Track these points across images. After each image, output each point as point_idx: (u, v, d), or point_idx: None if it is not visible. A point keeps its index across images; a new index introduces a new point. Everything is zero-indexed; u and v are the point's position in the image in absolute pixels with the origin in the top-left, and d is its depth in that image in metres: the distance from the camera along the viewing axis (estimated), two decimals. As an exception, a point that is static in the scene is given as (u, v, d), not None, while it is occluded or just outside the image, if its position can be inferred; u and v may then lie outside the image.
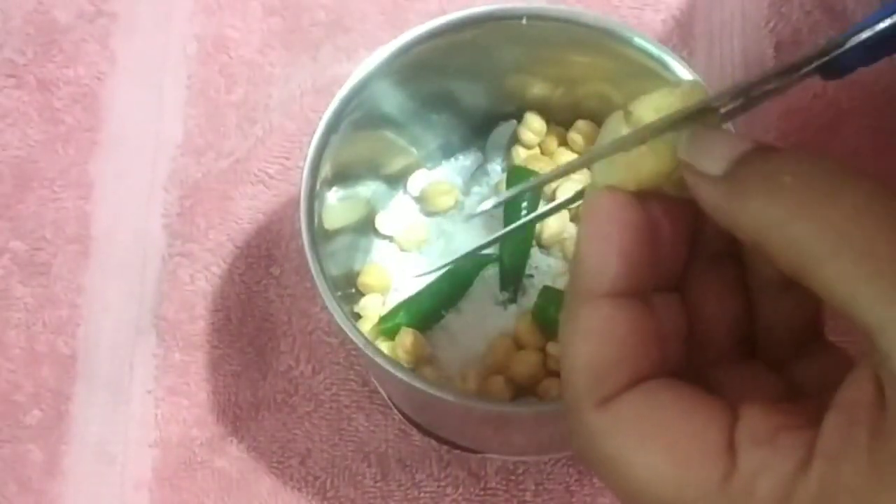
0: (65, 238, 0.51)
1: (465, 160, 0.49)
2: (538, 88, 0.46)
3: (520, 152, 0.47)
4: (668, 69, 0.41)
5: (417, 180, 0.48)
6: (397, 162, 0.47)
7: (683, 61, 0.41)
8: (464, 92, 0.46)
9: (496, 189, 0.47)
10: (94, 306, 0.50)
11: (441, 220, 0.47)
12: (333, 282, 0.39)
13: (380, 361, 0.37)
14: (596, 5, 0.53)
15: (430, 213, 0.48)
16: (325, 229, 0.41)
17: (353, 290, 0.46)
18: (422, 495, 0.46)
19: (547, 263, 0.46)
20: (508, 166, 0.47)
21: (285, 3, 0.54)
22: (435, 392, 0.37)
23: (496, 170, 0.48)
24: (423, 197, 0.47)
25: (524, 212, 0.45)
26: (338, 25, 0.53)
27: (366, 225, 0.47)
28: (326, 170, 0.41)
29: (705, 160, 0.24)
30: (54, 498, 0.47)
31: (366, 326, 0.44)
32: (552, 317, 0.43)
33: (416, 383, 0.37)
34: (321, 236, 0.40)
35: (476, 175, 0.48)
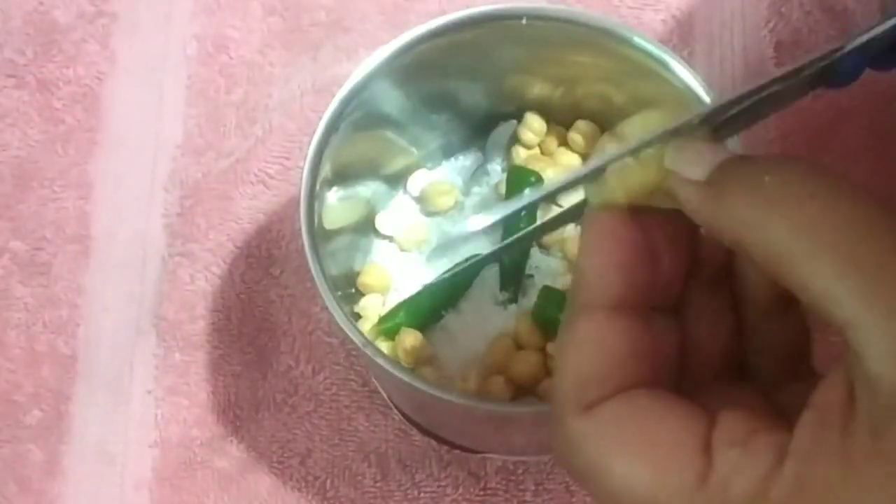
0: (65, 238, 0.51)
1: (465, 160, 0.49)
2: (538, 88, 0.46)
3: (520, 152, 0.47)
4: (668, 69, 0.41)
5: (417, 180, 0.48)
6: (397, 162, 0.47)
7: (683, 61, 0.41)
8: (464, 92, 0.46)
9: (496, 189, 0.47)
10: (94, 306, 0.50)
11: (441, 220, 0.47)
12: (333, 282, 0.39)
13: (380, 361, 0.37)
14: (596, 5, 0.53)
15: (430, 213, 0.48)
16: (325, 229, 0.41)
17: (353, 290, 0.46)
18: (422, 495, 0.46)
19: (547, 263, 0.46)
20: (508, 166, 0.47)
21: (285, 3, 0.54)
22: (435, 392, 0.37)
23: (496, 170, 0.48)
24: (423, 197, 0.47)
25: (524, 221, 0.45)
26: (338, 25, 0.53)
27: (366, 225, 0.47)
28: (326, 170, 0.41)
29: (689, 167, 0.25)
30: (54, 498, 0.47)
31: (366, 326, 0.44)
32: (552, 317, 0.43)
33: (416, 383, 0.37)
34: (321, 236, 0.40)
35: (476, 175, 0.48)
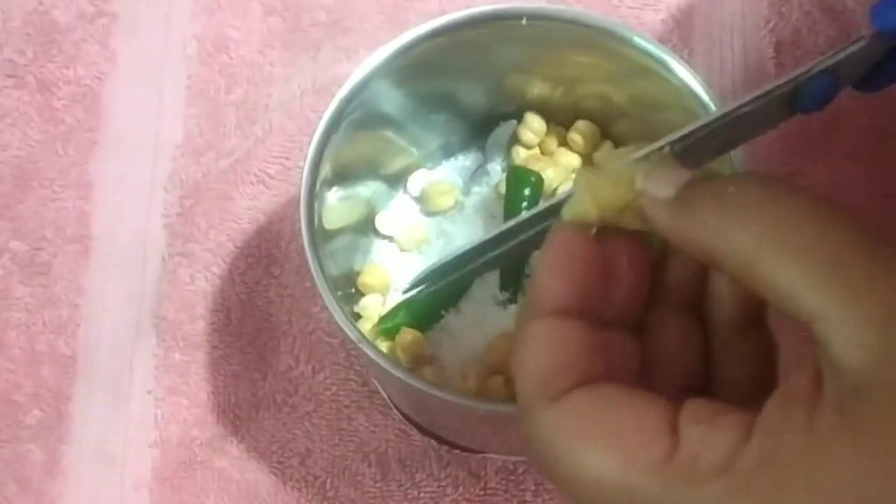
0: (65, 238, 0.51)
1: (465, 160, 0.49)
2: (538, 88, 0.46)
3: (520, 152, 0.47)
4: (668, 69, 0.41)
5: (417, 180, 0.48)
6: (397, 162, 0.47)
7: (683, 61, 0.41)
8: (464, 92, 0.46)
9: (496, 189, 0.47)
10: (94, 306, 0.50)
11: (441, 220, 0.47)
12: (333, 282, 0.39)
13: (380, 361, 0.37)
14: (596, 5, 0.53)
15: (430, 213, 0.48)
16: (325, 229, 0.41)
17: (353, 290, 0.46)
18: (422, 495, 0.46)
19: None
20: (508, 166, 0.47)
21: (285, 3, 0.54)
22: (435, 392, 0.37)
23: (496, 170, 0.48)
24: (423, 197, 0.47)
25: (524, 210, 0.45)
26: (338, 25, 0.53)
27: (366, 225, 0.47)
28: (326, 170, 0.41)
29: (658, 187, 0.27)
30: (54, 498, 0.47)
31: (366, 326, 0.44)
32: None
33: (416, 383, 0.37)
34: (321, 236, 0.40)
35: (476, 175, 0.48)
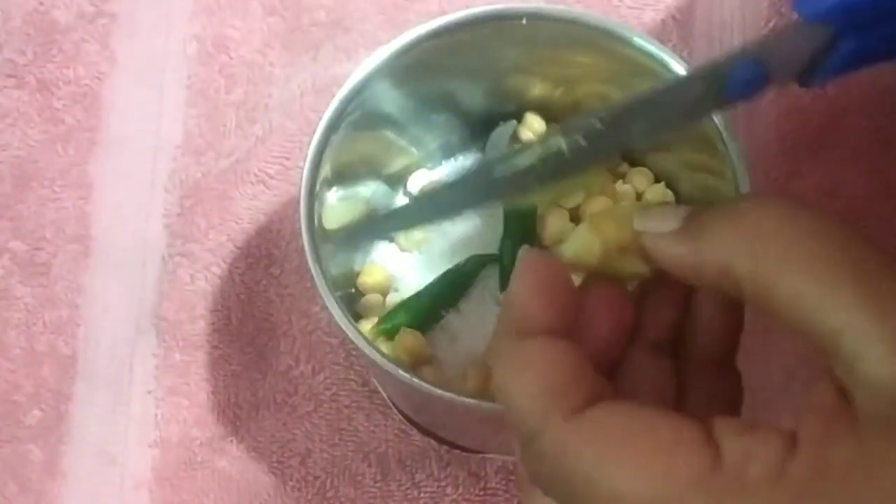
0: (65, 238, 0.51)
1: (465, 160, 0.49)
2: (538, 88, 0.46)
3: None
4: (668, 69, 0.41)
5: (417, 180, 0.48)
6: (397, 162, 0.47)
7: (683, 61, 0.41)
8: (464, 92, 0.46)
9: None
10: (94, 306, 0.50)
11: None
12: (333, 282, 0.39)
13: (380, 361, 0.37)
14: (596, 5, 0.53)
15: (430, 213, 0.47)
16: (325, 229, 0.41)
17: (353, 290, 0.46)
18: (422, 495, 0.46)
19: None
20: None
21: (285, 3, 0.54)
22: (435, 392, 0.37)
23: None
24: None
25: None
26: (338, 25, 0.53)
27: (366, 225, 0.47)
28: (326, 170, 0.41)
29: (659, 223, 0.27)
30: (54, 498, 0.47)
31: (366, 326, 0.44)
32: None
33: (416, 383, 0.37)
34: (321, 236, 0.40)
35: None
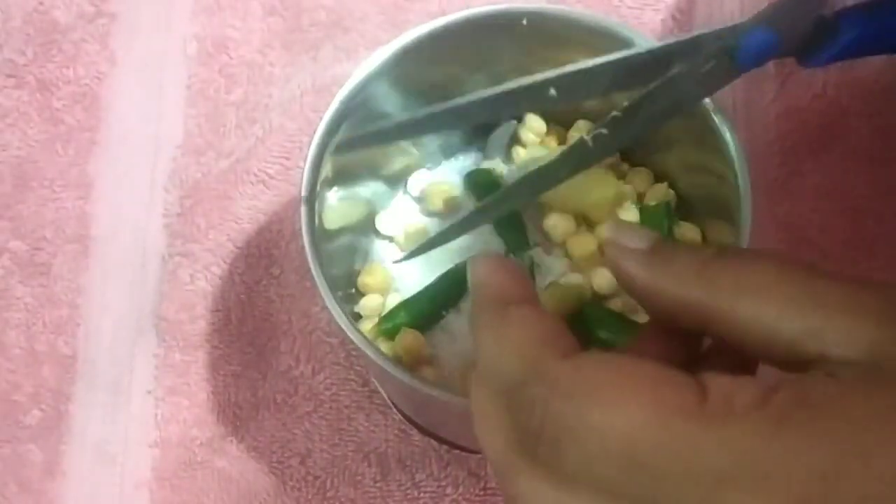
0: (65, 238, 0.51)
1: (465, 160, 0.48)
2: (538, 88, 0.46)
3: (520, 152, 0.47)
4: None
5: (417, 180, 0.48)
6: (397, 162, 0.47)
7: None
8: (464, 92, 0.46)
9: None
10: (94, 306, 0.50)
11: (441, 220, 0.47)
12: (333, 282, 0.39)
13: (380, 361, 0.37)
14: (596, 5, 0.53)
15: (430, 213, 0.47)
16: (325, 229, 0.41)
17: (353, 290, 0.46)
18: (422, 495, 0.46)
19: (549, 263, 0.46)
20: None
21: (285, 4, 0.54)
22: (435, 392, 0.37)
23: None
24: (423, 197, 0.47)
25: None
26: (338, 25, 0.53)
27: (366, 225, 0.47)
28: (326, 170, 0.41)
29: (631, 238, 0.29)
30: (54, 498, 0.47)
31: (366, 326, 0.44)
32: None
33: (416, 383, 0.37)
34: (321, 236, 0.40)
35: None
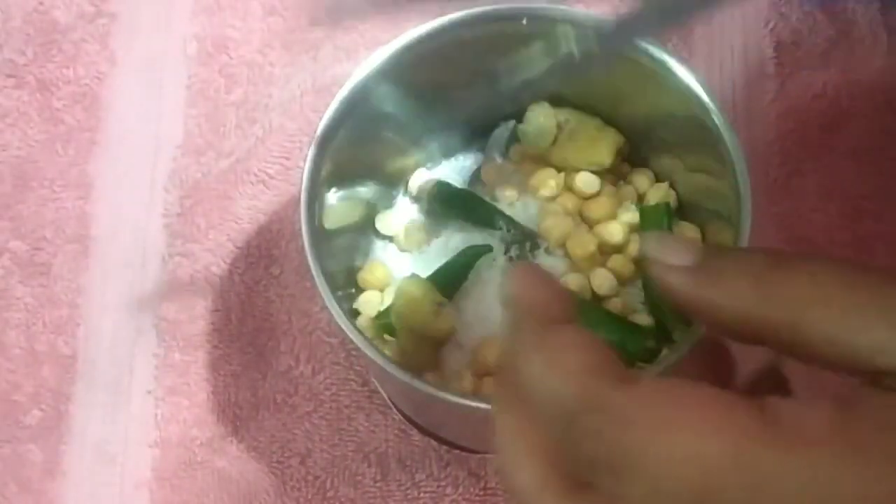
0: (65, 238, 0.51)
1: (465, 160, 0.48)
2: (538, 88, 0.46)
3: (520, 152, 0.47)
4: (668, 69, 0.41)
5: (417, 180, 0.48)
6: (397, 162, 0.47)
7: (683, 61, 0.41)
8: (464, 92, 0.46)
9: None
10: (94, 306, 0.50)
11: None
12: (333, 281, 0.39)
13: (379, 361, 0.37)
14: (596, 5, 0.53)
15: (430, 214, 0.47)
16: (325, 229, 0.41)
17: (353, 290, 0.46)
18: (422, 495, 0.46)
19: (550, 263, 0.46)
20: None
21: (285, 3, 0.54)
22: (434, 392, 0.37)
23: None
24: (423, 197, 0.47)
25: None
26: (338, 25, 0.53)
27: (366, 225, 0.47)
28: (326, 170, 0.41)
29: (675, 254, 0.27)
30: (54, 498, 0.47)
31: (364, 322, 0.44)
32: None
33: (416, 383, 0.37)
34: (321, 236, 0.40)
35: (476, 175, 0.48)
